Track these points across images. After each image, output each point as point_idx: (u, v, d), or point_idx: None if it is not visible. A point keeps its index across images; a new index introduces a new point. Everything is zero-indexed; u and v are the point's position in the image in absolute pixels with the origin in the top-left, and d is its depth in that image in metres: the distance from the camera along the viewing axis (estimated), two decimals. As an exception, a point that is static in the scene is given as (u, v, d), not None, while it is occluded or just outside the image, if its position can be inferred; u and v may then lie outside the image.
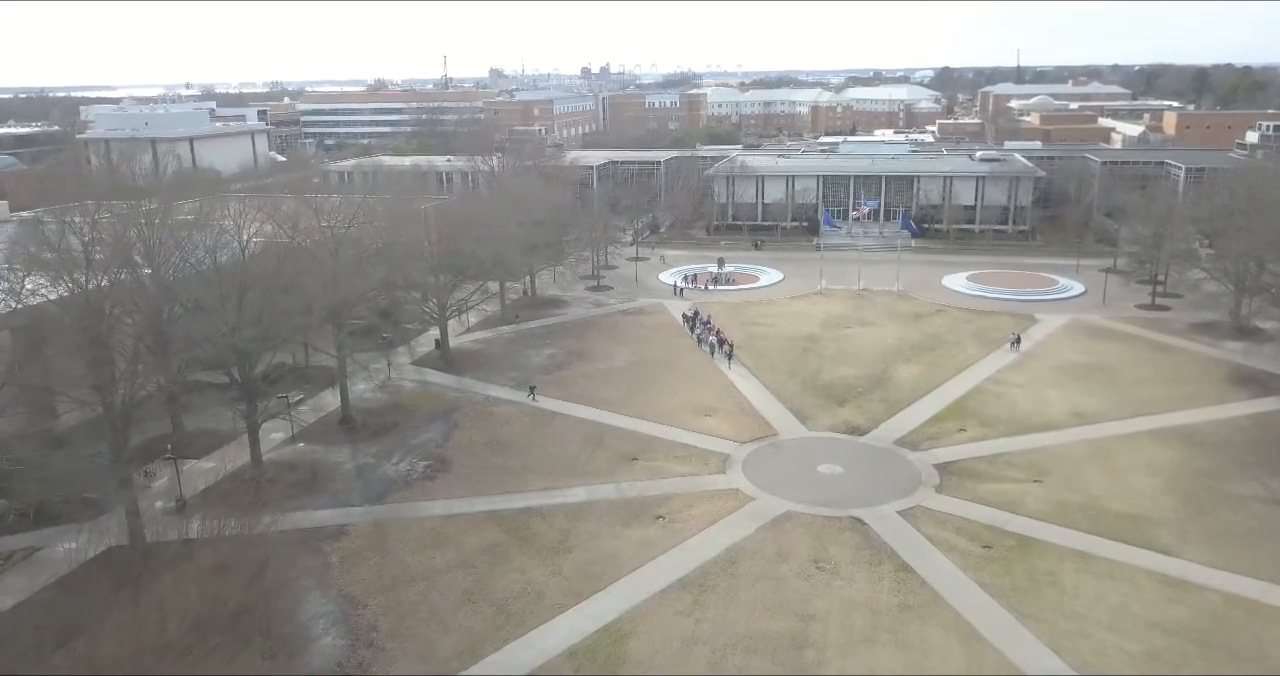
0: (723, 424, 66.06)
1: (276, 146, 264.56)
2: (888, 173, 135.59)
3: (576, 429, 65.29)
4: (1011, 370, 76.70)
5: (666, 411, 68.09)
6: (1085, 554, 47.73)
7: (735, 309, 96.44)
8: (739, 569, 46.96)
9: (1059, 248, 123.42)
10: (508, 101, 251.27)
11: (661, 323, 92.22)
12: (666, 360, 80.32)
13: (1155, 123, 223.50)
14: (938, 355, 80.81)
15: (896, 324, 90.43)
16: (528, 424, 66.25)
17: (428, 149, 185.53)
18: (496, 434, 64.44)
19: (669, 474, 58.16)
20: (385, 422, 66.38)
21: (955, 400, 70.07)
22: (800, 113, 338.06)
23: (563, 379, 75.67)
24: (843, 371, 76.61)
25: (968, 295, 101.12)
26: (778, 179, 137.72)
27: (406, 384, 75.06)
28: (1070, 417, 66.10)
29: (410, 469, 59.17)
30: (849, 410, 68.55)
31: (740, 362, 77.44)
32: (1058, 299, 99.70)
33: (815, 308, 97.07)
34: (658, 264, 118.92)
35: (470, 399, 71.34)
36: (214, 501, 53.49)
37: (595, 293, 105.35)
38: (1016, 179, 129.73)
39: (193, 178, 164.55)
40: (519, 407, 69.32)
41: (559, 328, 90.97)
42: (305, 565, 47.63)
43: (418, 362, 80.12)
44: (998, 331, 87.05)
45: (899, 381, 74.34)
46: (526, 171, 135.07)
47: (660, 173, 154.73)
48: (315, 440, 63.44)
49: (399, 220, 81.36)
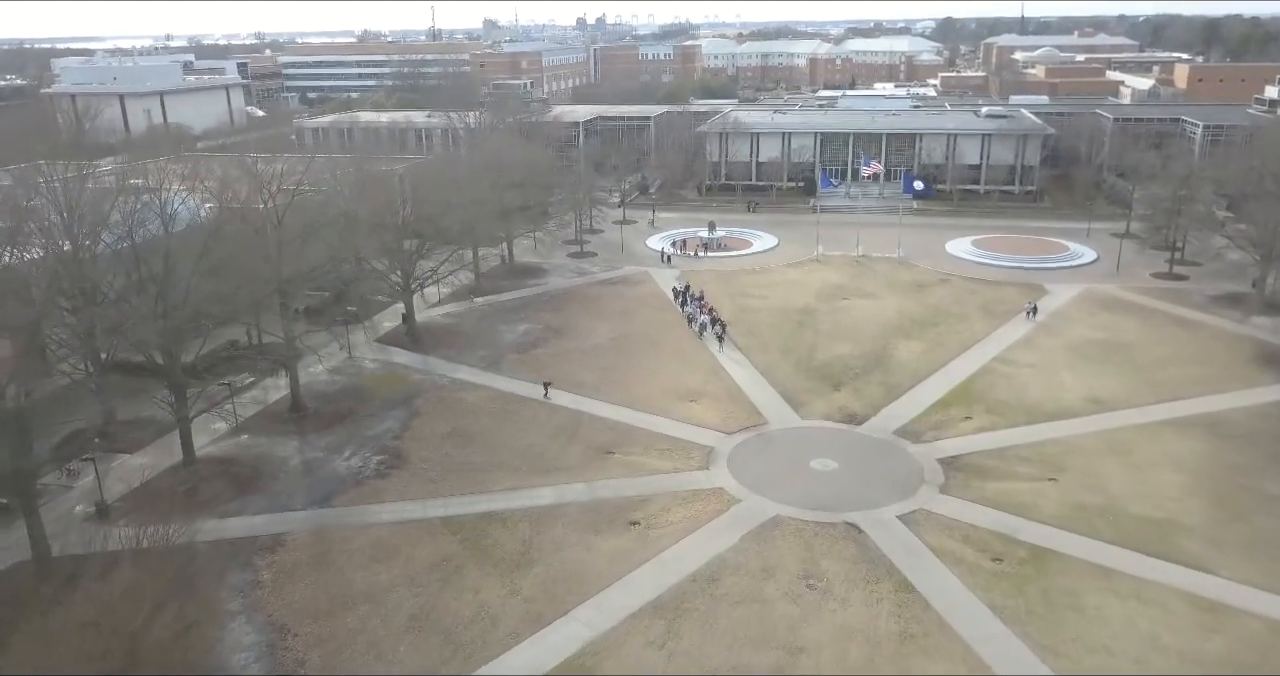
0: (708, 411, 60.64)
1: (257, 101, 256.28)
2: (889, 130, 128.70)
3: (549, 417, 59.85)
4: (1022, 348, 71.16)
5: (648, 396, 62.63)
6: (1108, 570, 42.59)
7: (726, 278, 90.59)
8: (720, 588, 41.82)
9: (1068, 210, 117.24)
10: (494, 53, 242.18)
11: (646, 294, 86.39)
12: (650, 337, 74.67)
13: (1165, 76, 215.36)
14: (941, 331, 75.21)
15: (897, 295, 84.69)
16: (495, 411, 60.80)
17: (409, 104, 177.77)
18: (460, 423, 59.00)
19: (647, 470, 52.85)
20: (339, 410, 60.88)
21: (961, 383, 64.61)
22: (798, 65, 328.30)
23: (537, 359, 70.06)
24: (839, 349, 71.06)
25: (972, 262, 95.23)
26: (773, 136, 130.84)
27: (368, 364, 69.43)
28: (1086, 404, 60.70)
29: (362, 465, 53.79)
30: (845, 394, 63.12)
31: (731, 342, 71.66)
32: (1068, 266, 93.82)
33: (811, 276, 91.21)
34: (646, 228, 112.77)
35: (435, 382, 65.79)
36: (141, 504, 48.23)
37: (577, 260, 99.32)
38: (1024, 137, 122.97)
39: (158, 135, 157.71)
40: (487, 392, 63.82)
41: (536, 300, 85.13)
42: (233, 583, 42.50)
43: (382, 340, 74.39)
44: (1005, 303, 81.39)
45: (900, 361, 68.85)
46: (508, 129, 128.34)
47: (651, 129, 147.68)
48: (260, 431, 58.01)
49: (364, 184, 75.35)
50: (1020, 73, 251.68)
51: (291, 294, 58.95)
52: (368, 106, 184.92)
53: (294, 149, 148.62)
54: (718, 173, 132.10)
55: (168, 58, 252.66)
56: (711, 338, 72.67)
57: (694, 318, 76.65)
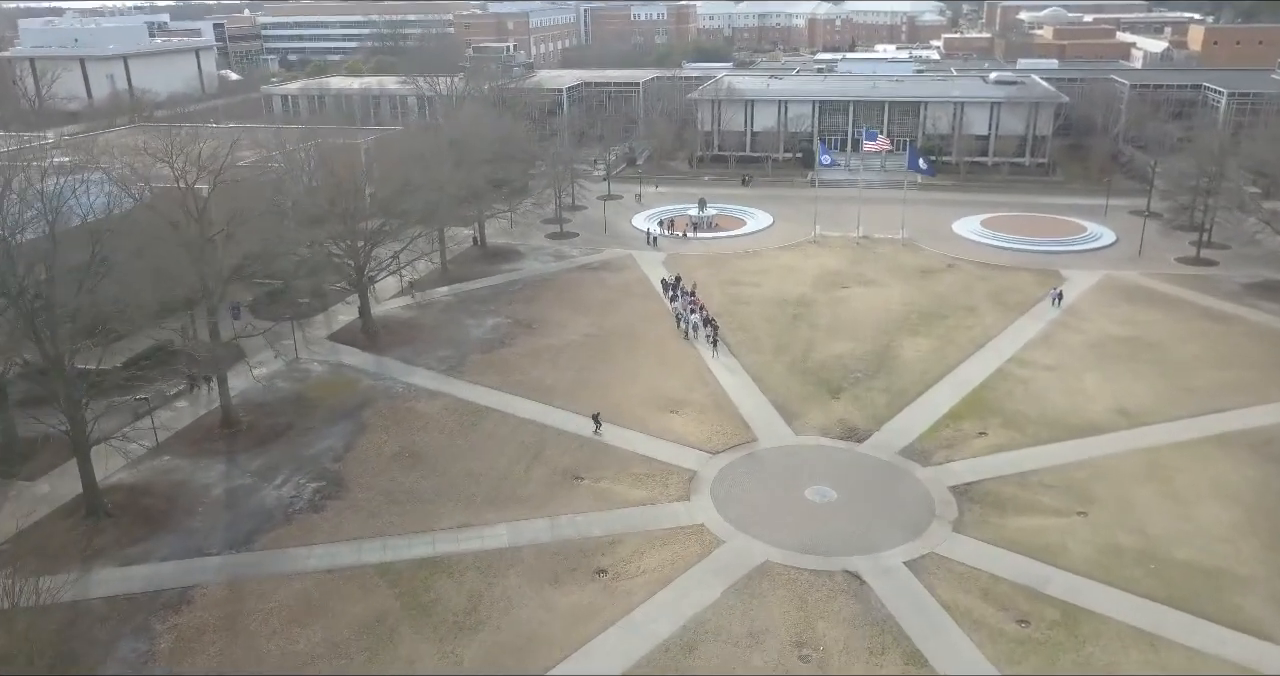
0: (691, 424, 54.01)
1: (234, 64, 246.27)
2: (891, 98, 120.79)
3: (512, 433, 53.19)
4: (1039, 346, 64.45)
5: (625, 406, 55.96)
6: (1153, 638, 36.21)
7: (716, 262, 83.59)
8: (697, 660, 35.46)
9: (1082, 184, 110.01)
10: (479, 14, 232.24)
11: (629, 281, 79.38)
12: (630, 332, 67.85)
13: (1179, 38, 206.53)
14: (950, 325, 68.45)
15: (901, 282, 77.80)
16: (451, 425, 54.11)
17: (387, 68, 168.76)
18: (411, 440, 52.34)
19: (619, 501, 46.32)
20: (278, 424, 54.15)
21: (973, 390, 57.97)
22: (797, 26, 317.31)
23: (504, 360, 63.27)
24: (838, 347, 64.35)
25: (982, 245, 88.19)
26: (768, 104, 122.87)
27: (316, 367, 62.60)
28: (1114, 416, 54.10)
29: (295, 494, 47.18)
30: (845, 403, 56.49)
31: (725, 346, 64.45)
32: (1086, 249, 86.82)
33: (809, 261, 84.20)
34: (632, 203, 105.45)
35: (388, 388, 59.03)
36: (32, 546, 41.79)
37: (556, 241, 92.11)
38: (1036, 105, 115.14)
39: (120, 102, 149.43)
40: (445, 401, 57.09)
41: (508, 288, 78.07)
42: (123, 654, 36.02)
43: (336, 337, 67.50)
44: (1018, 293, 74.60)
45: (905, 362, 62.18)
46: (483, 97, 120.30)
47: (639, 96, 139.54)
48: (184, 451, 51.32)
49: (316, 161, 68.16)
50: (1027, 34, 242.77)
51: (218, 293, 51.83)
52: (344, 71, 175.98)
53: (262, 117, 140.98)
54: (710, 143, 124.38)
55: (138, 18, 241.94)
56: (702, 340, 65.30)
57: (683, 316, 68.73)
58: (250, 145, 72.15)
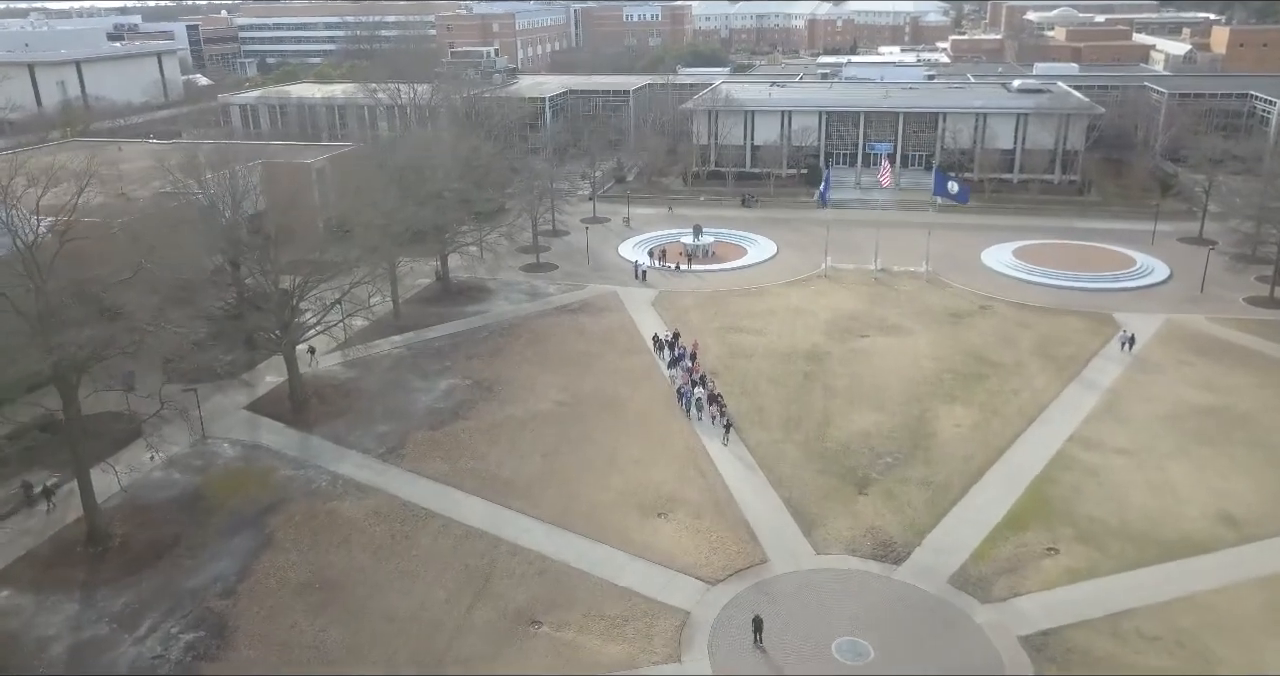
0: (684, 536, 42.78)
1: (211, 68, 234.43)
2: (906, 108, 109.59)
3: (455, 550, 41.93)
4: (1105, 420, 53.28)
5: (599, 510, 44.76)
6: None
7: (713, 303, 72.44)
8: None
9: (1121, 205, 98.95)
10: (463, 15, 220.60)
11: (611, 328, 68.13)
12: (610, 399, 56.62)
13: (1200, 40, 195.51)
14: (992, 389, 57.33)
15: (929, 329, 66.70)
16: (379, 538, 42.83)
17: (361, 73, 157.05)
18: (326, 563, 41.06)
19: (588, 662, 35.08)
20: (160, 539, 42.81)
21: (1032, 484, 46.80)
22: (796, 27, 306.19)
23: (455, 439, 51.99)
24: (861, 420, 53.20)
25: (1017, 280, 77.05)
26: (770, 115, 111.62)
27: (225, 450, 51.24)
28: (1217, 526, 42.93)
29: (162, 652, 35.83)
30: (874, 502, 45.30)
31: (737, 436, 52.15)
32: (1139, 286, 75.67)
33: (820, 300, 73.03)
34: (619, 227, 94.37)
35: (309, 481, 47.72)
36: None
37: (532, 275, 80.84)
38: (1068, 117, 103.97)
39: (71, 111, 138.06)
40: (376, 500, 45.81)
41: (470, 337, 66.77)
42: None
43: (258, 406, 56.16)
44: (1067, 344, 63.56)
45: (943, 441, 51.02)
46: (459, 107, 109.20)
47: (629, 105, 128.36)
48: (31, 581, 39.96)
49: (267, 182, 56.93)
50: (1038, 35, 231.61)
51: (75, 371, 40.43)
52: (312, 77, 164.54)
53: (219, 128, 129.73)
54: (706, 158, 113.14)
55: (108, 19, 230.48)
56: (706, 422, 52.58)
57: (684, 391, 55.25)
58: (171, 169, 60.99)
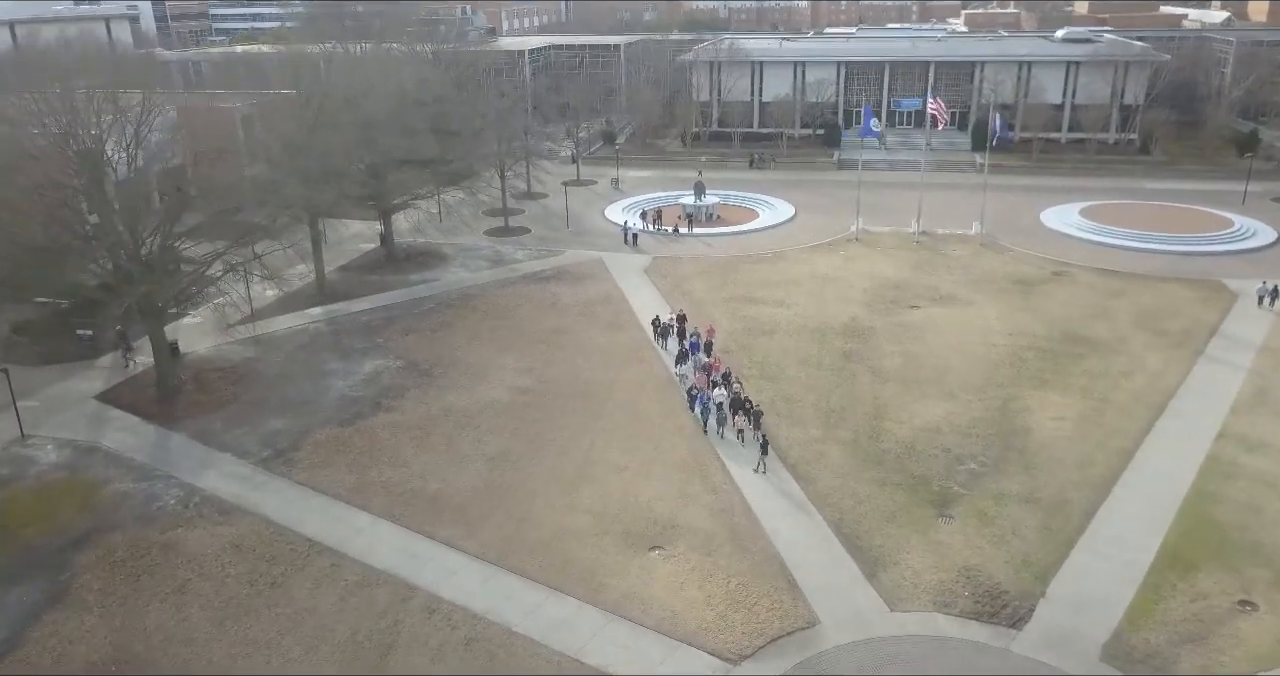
0: (689, 581, 28.57)
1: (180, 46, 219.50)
2: (939, 57, 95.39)
3: (341, 606, 27.67)
4: (1258, 409, 39.21)
5: (562, 540, 30.55)
6: None
7: (721, 270, 58.29)
8: None
9: (1192, 164, 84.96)
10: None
11: (592, 299, 53.89)
12: (587, 385, 42.39)
13: (1239, 4, 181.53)
14: (1093, 369, 43.23)
15: (994, 300, 52.60)
16: (235, 586, 28.54)
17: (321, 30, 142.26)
18: (139, 626, 26.77)
19: None
20: (-102, 588, 28.59)
21: (1187, 500, 32.65)
22: (798, 6, 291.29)
23: (370, 438, 37.67)
24: (926, 412, 39.06)
25: (1091, 243, 62.97)
26: (782, 67, 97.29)
27: (46, 455, 36.85)
28: None
29: None
30: (964, 529, 31.14)
31: (776, 456, 36.90)
32: (1242, 250, 61.67)
33: (853, 266, 58.91)
34: (607, 191, 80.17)
35: (148, 500, 33.40)
36: None
37: (498, 239, 66.54)
38: (1127, 66, 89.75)
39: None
40: (242, 526, 31.53)
41: (410, 310, 52.44)
42: None
43: (111, 395, 41.78)
44: (1177, 315, 49.61)
45: (1043, 440, 36.90)
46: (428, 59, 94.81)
47: (620, 60, 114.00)
48: None
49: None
50: (1059, 8, 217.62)
51: None
52: (268, 38, 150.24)
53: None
54: (708, 116, 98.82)
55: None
56: (731, 439, 36.96)
57: (697, 393, 39.10)
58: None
